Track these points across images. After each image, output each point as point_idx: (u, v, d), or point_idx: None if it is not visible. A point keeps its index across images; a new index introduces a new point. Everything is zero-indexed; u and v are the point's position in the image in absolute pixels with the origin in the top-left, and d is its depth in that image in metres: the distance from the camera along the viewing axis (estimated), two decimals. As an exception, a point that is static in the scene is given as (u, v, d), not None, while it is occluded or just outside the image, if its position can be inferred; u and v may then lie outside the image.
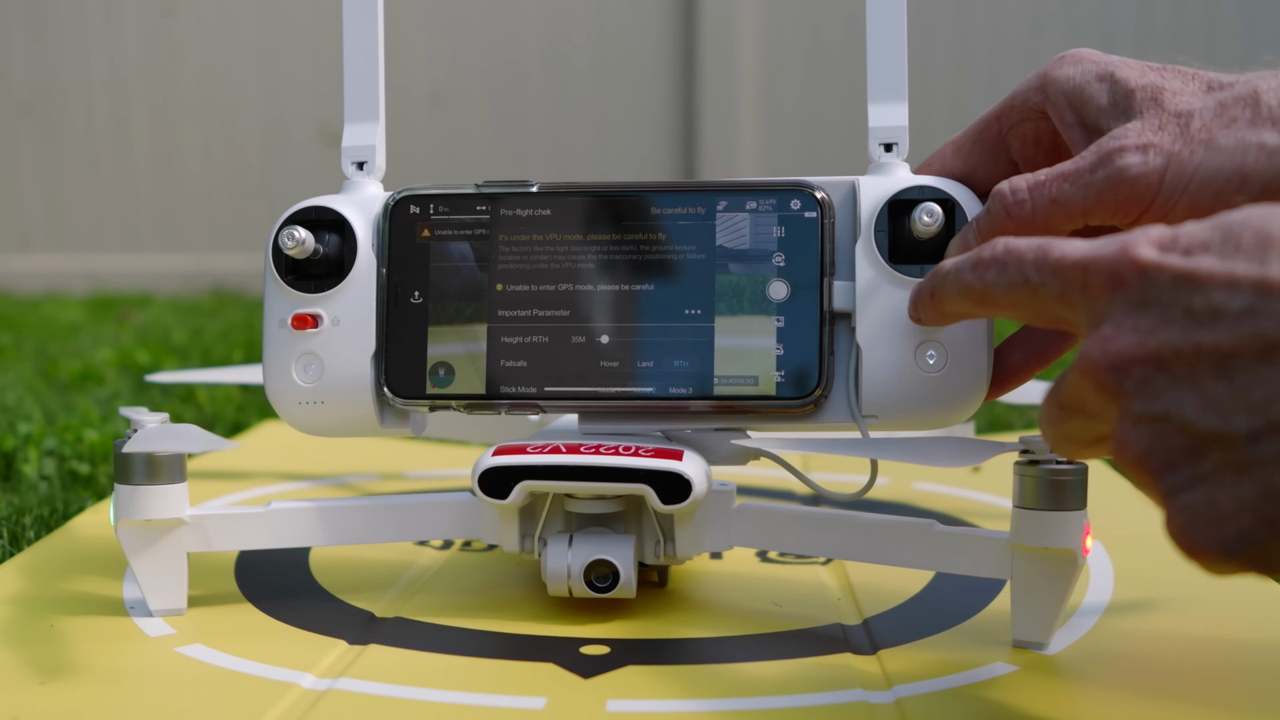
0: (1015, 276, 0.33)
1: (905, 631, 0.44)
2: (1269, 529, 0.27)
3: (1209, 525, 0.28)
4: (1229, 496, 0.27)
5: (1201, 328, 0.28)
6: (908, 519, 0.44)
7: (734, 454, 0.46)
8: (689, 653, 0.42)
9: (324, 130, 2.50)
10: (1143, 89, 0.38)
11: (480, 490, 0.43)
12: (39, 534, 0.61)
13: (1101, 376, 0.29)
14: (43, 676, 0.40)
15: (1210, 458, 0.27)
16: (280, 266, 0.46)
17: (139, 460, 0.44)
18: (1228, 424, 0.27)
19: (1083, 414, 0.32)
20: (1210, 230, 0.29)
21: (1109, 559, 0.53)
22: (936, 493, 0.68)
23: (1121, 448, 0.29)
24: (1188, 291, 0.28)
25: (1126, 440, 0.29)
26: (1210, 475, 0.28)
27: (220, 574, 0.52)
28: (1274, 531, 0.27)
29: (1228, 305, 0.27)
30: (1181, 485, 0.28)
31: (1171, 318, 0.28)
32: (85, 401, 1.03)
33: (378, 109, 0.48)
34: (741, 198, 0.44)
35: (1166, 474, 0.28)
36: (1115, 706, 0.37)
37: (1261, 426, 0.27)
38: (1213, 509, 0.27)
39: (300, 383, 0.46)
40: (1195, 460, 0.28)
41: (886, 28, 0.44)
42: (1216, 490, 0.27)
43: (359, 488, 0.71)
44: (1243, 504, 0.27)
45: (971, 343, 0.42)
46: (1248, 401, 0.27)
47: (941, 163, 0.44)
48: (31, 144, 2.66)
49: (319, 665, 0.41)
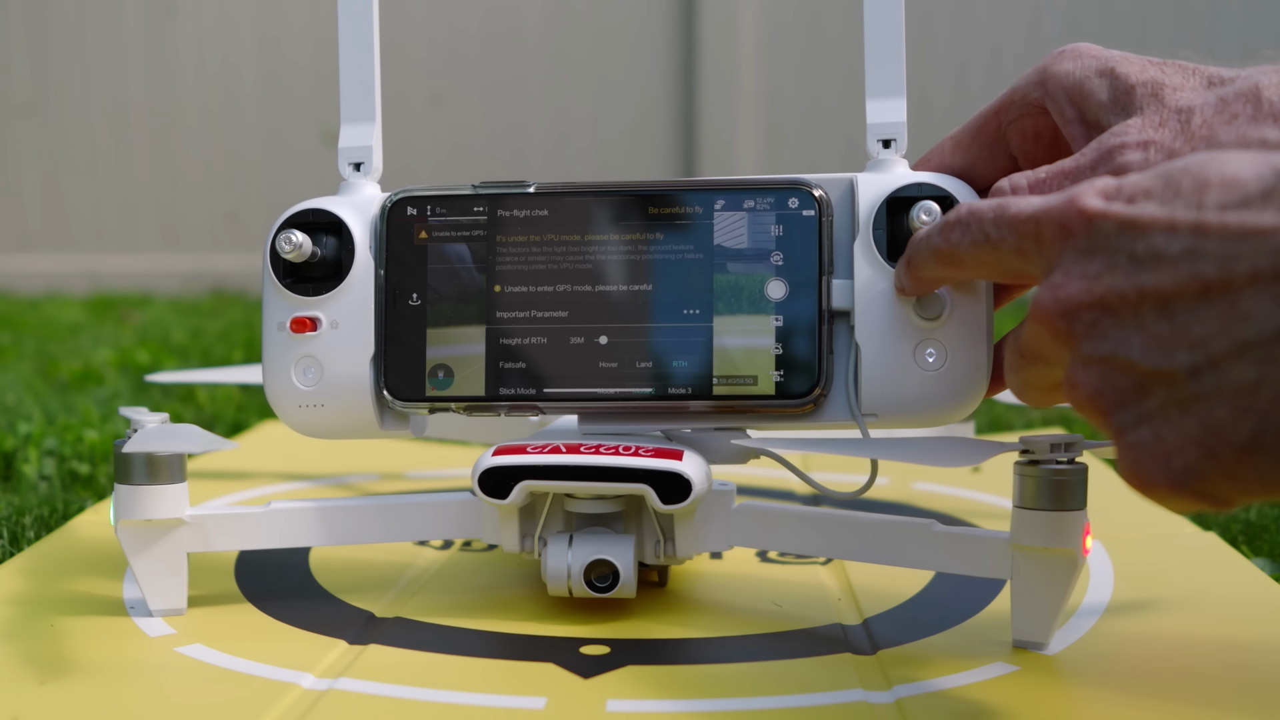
0: (977, 235, 0.34)
1: (905, 631, 0.44)
2: (1213, 461, 0.28)
3: (1156, 461, 0.29)
4: (1174, 432, 0.28)
5: (1144, 271, 0.29)
6: (908, 519, 0.44)
7: (734, 454, 0.46)
8: (689, 653, 0.42)
9: (324, 130, 2.50)
10: (1143, 84, 0.38)
11: (480, 490, 0.43)
12: (39, 534, 0.61)
13: (1053, 322, 0.31)
14: (43, 676, 0.40)
15: (1156, 395, 0.29)
16: (278, 270, 0.46)
17: (139, 460, 0.44)
18: (1170, 361, 0.28)
19: (1041, 361, 0.33)
20: (1153, 178, 0.30)
21: (1109, 559, 0.53)
22: (936, 493, 0.68)
23: (1073, 389, 0.31)
24: (1131, 237, 0.29)
25: (1077, 381, 0.30)
26: (1156, 412, 0.29)
27: (220, 574, 0.52)
28: (1218, 464, 0.28)
29: (1168, 248, 0.28)
30: (1130, 423, 0.29)
31: (1117, 263, 0.29)
32: (85, 401, 1.03)
33: (374, 109, 0.47)
34: (739, 196, 0.44)
35: (1115, 412, 0.30)
36: (1115, 706, 0.37)
37: (1202, 361, 0.27)
38: (1159, 445, 0.28)
39: (300, 386, 0.46)
40: (1142, 398, 0.29)
41: (885, 23, 0.44)
42: (1162, 426, 0.28)
43: (359, 488, 0.71)
44: (1187, 438, 0.28)
45: (971, 340, 0.42)
46: (1188, 338, 0.28)
47: (940, 158, 0.44)
48: (31, 144, 2.66)
49: (319, 665, 0.41)
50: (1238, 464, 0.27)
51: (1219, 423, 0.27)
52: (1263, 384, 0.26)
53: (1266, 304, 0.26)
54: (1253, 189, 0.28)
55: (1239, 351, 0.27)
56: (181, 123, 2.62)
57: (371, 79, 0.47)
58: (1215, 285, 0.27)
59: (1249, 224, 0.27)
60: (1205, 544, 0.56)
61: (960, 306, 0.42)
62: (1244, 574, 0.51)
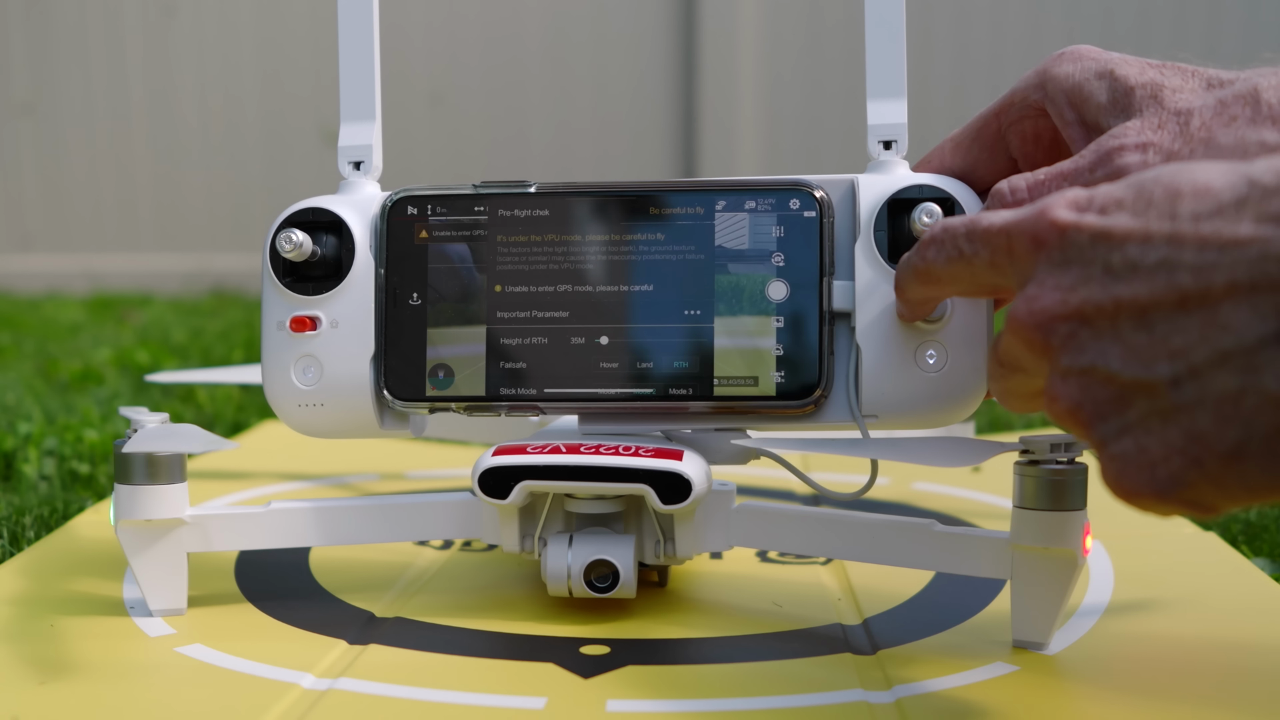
0: (951, 251, 0.34)
1: (905, 631, 0.44)
2: (1198, 470, 0.28)
3: (1140, 471, 0.29)
4: (1157, 442, 0.28)
5: (1120, 282, 0.29)
6: (908, 519, 0.44)
7: (734, 454, 0.46)
8: (689, 653, 0.42)
9: (324, 129, 2.50)
10: (1142, 86, 0.38)
11: (480, 490, 0.43)
12: (39, 534, 0.61)
13: (1029, 334, 0.31)
14: (43, 676, 0.40)
15: (1137, 406, 0.29)
16: (278, 269, 0.46)
17: (139, 460, 0.44)
18: (1151, 372, 0.28)
19: (1021, 370, 0.33)
20: (1124, 189, 0.30)
21: (1109, 559, 0.53)
22: (936, 493, 0.68)
23: (1053, 401, 0.31)
24: (1105, 248, 0.29)
25: (1057, 394, 0.30)
26: (1138, 423, 0.29)
27: (220, 574, 0.52)
28: (1203, 472, 0.28)
29: (1143, 259, 0.28)
30: (1112, 434, 0.29)
31: (1091, 274, 0.29)
32: (85, 401, 1.03)
33: (374, 108, 0.47)
34: (740, 197, 0.44)
35: (1097, 424, 0.30)
36: (1115, 706, 0.37)
37: (1183, 372, 0.27)
38: (1143, 455, 0.29)
39: (299, 385, 0.46)
40: (1123, 409, 0.29)
41: (885, 24, 0.44)
42: (1145, 437, 0.28)
43: (359, 488, 0.71)
44: (1170, 448, 0.28)
45: (971, 342, 0.42)
46: (1168, 349, 0.28)
47: (940, 159, 0.44)
48: (31, 144, 2.66)
49: (319, 665, 0.41)
50: (1223, 472, 0.27)
51: (1202, 432, 0.27)
52: (1245, 392, 0.26)
53: (1245, 314, 0.26)
54: (1226, 198, 0.28)
55: (1220, 361, 0.27)
56: (181, 122, 2.62)
57: (371, 78, 0.47)
58: (1193, 296, 0.27)
59: (1224, 234, 0.27)
60: (1205, 544, 0.56)
61: (961, 308, 0.42)
62: (1244, 574, 0.51)
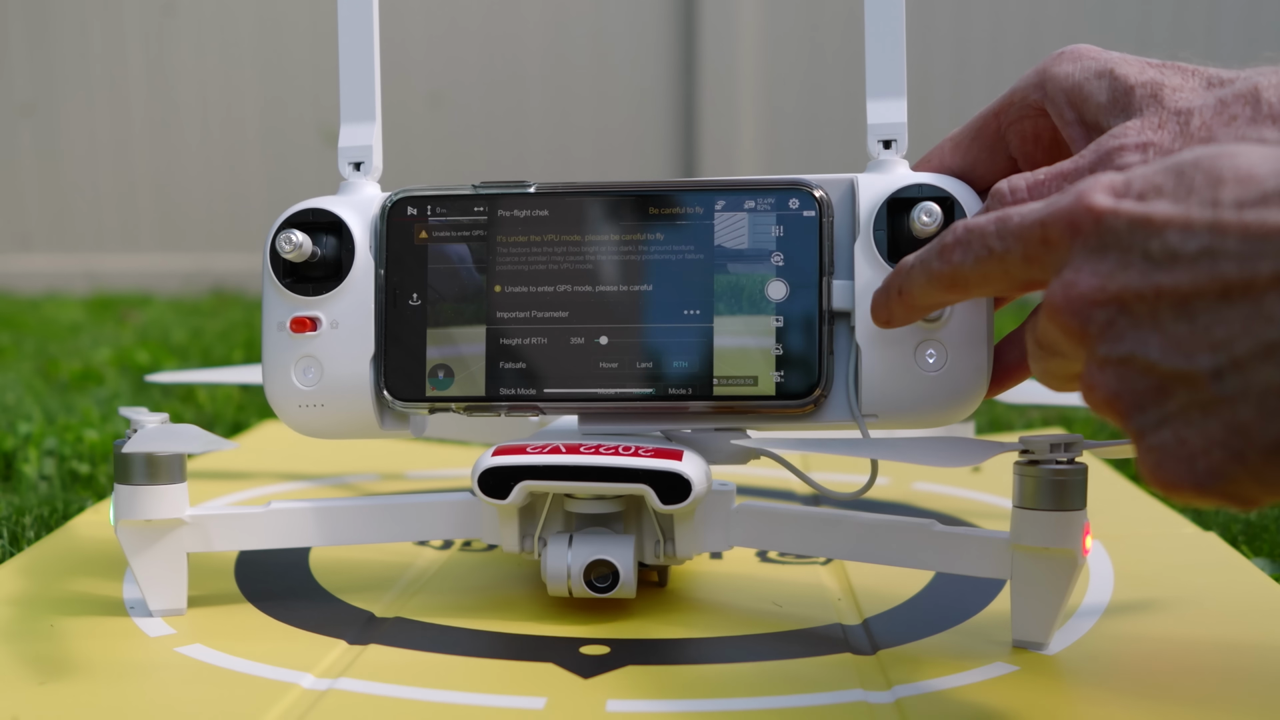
0: (980, 251, 0.33)
1: (905, 631, 0.44)
2: (1239, 464, 0.27)
3: (1179, 463, 0.28)
4: (1197, 434, 0.28)
5: (1160, 270, 0.28)
6: (908, 519, 0.44)
7: (734, 454, 0.46)
8: (689, 653, 0.42)
9: (324, 130, 2.50)
10: (1142, 85, 0.38)
11: (480, 490, 0.43)
12: (39, 534, 0.61)
13: (1065, 320, 0.30)
14: (43, 676, 0.40)
15: (1177, 397, 0.28)
16: (278, 270, 0.46)
17: (139, 460, 0.44)
18: (1192, 363, 0.28)
19: (1059, 354, 0.33)
20: (1163, 173, 0.29)
21: (1109, 559, 0.53)
22: (936, 493, 0.68)
23: (1090, 390, 0.30)
24: (1144, 235, 0.29)
25: (1094, 383, 0.30)
26: (1178, 414, 0.28)
27: (220, 574, 0.52)
28: (1245, 466, 0.27)
29: (1184, 247, 0.28)
30: (1150, 425, 0.29)
31: (1130, 261, 0.29)
32: (85, 401, 1.03)
33: (374, 109, 0.47)
34: (740, 197, 0.44)
35: (1135, 415, 0.29)
36: (1115, 707, 0.37)
37: (1225, 364, 0.27)
38: (1182, 447, 0.28)
39: (300, 386, 0.46)
40: (1162, 400, 0.28)
41: (885, 23, 0.44)
42: (1184, 429, 0.28)
43: (359, 488, 0.71)
44: (1211, 440, 0.28)
45: (971, 341, 0.42)
46: (1210, 340, 0.27)
47: (940, 159, 0.44)
48: (31, 144, 2.66)
49: (319, 665, 0.41)
50: (1265, 466, 0.27)
51: (1244, 425, 0.27)
52: None
53: None
54: (1271, 186, 0.27)
55: (1265, 354, 0.26)
56: (181, 122, 2.62)
57: (371, 78, 0.47)
58: (1237, 286, 0.27)
59: (1270, 223, 0.26)
60: (1205, 544, 0.56)
61: (960, 308, 0.42)
62: (1244, 574, 0.51)
